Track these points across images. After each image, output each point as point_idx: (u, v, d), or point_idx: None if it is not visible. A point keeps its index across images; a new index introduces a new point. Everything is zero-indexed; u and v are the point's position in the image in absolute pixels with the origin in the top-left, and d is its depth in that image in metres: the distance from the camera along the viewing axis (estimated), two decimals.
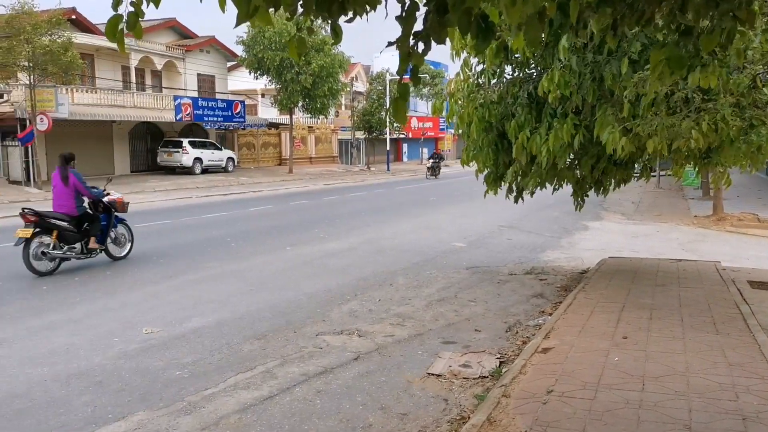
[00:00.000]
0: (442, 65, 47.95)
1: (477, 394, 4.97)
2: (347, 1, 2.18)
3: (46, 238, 8.98)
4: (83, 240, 9.46)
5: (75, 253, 9.36)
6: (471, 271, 9.82)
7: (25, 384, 5.15)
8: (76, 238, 9.34)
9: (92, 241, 9.51)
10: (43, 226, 8.98)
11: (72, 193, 9.37)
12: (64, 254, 9.17)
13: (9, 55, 21.62)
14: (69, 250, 9.25)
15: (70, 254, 9.27)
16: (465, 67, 8.13)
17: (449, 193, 24.01)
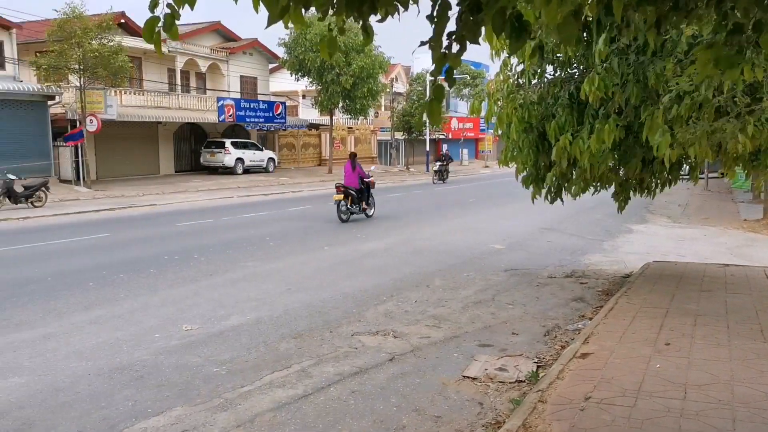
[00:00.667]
0: (482, 65, 47.61)
1: (513, 398, 4.91)
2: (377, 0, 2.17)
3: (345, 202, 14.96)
4: (360, 203, 15.43)
5: (357, 211, 15.33)
6: (509, 273, 9.71)
7: (70, 377, 5.30)
8: (358, 202, 15.31)
9: (363, 204, 15.51)
10: (345, 194, 14.96)
11: (356, 176, 15.33)
12: (353, 211, 15.14)
13: (61, 58, 22.36)
14: (355, 209, 15.23)
15: (355, 211, 15.27)
16: (504, 67, 8.06)
17: (489, 195, 23.81)
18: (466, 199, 21.94)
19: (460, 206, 19.71)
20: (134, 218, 16.68)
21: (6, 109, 22.77)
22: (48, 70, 22.79)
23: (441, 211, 18.40)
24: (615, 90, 6.31)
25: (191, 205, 19.95)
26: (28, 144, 23.15)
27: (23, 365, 5.55)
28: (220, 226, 14.85)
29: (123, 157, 28.40)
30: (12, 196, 17.46)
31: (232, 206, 19.63)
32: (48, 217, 16.49)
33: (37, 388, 5.06)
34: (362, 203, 15.52)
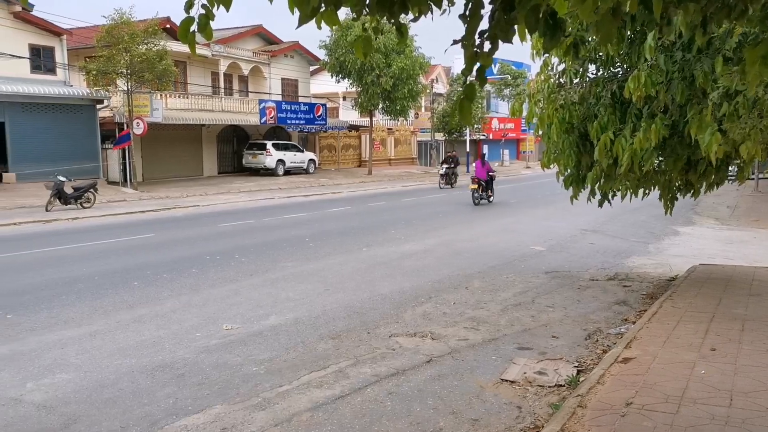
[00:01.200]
0: (524, 65, 47.07)
1: (552, 403, 4.83)
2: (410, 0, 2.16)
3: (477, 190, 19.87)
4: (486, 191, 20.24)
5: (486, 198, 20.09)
6: (550, 275, 9.56)
7: (114, 374, 5.44)
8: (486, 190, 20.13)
9: (489, 192, 20.21)
10: (478, 184, 19.80)
11: (485, 171, 20.23)
12: (483, 197, 19.93)
13: (109, 63, 23.03)
14: (485, 196, 20.04)
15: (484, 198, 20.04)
16: (545, 67, 7.95)
17: (530, 196, 23.51)
18: (507, 200, 21.71)
19: (501, 207, 19.52)
20: (178, 219, 17.05)
21: (57, 114, 23.56)
22: (97, 75, 23.49)
23: (480, 212, 18.25)
24: (659, 88, 6.15)
25: (233, 206, 20.28)
26: (78, 147, 23.91)
27: (70, 362, 5.73)
28: (260, 226, 15.05)
29: (168, 159, 29.08)
30: (62, 197, 18.04)
31: (272, 207, 19.87)
32: (96, 217, 16.99)
33: (82, 384, 5.21)
34: (488, 191, 20.44)
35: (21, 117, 22.40)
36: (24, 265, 10.24)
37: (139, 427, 4.45)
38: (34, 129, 22.69)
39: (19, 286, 8.59)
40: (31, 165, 22.20)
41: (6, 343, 6.22)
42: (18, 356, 5.85)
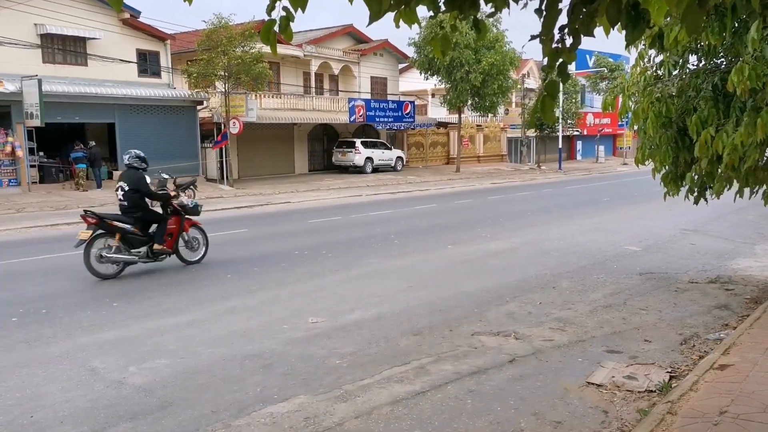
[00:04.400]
0: (621, 57, 45.09)
1: (641, 408, 4.63)
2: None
3: None
4: None
5: None
6: (645, 277, 9.14)
7: (207, 361, 5.73)
8: None
9: None
10: None
11: None
12: None
13: (209, 66, 24.17)
14: None
15: None
16: (640, 59, 7.63)
17: (625, 193, 22.55)
18: (600, 198, 20.94)
19: (593, 205, 18.85)
20: (270, 215, 17.66)
21: (161, 114, 25.00)
22: (197, 78, 24.72)
23: (572, 210, 17.70)
24: (766, 80, 5.74)
25: (322, 202, 20.75)
26: (180, 146, 25.27)
27: (168, 348, 6.08)
28: (347, 223, 15.33)
29: (262, 157, 30.18)
30: None
31: (360, 204, 20.16)
32: None
33: (178, 370, 5.52)
34: None
35: (129, 118, 23.94)
36: None
37: (229, 412, 4.67)
38: (141, 129, 24.18)
39: (125, 276, 9.19)
40: None
41: (112, 329, 6.69)
42: (122, 341, 6.27)
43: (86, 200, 19.76)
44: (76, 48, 23.49)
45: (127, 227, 9.09)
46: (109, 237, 9.02)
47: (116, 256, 9.01)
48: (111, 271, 9.05)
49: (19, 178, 21.05)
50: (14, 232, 14.17)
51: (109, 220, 9.07)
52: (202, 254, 10.22)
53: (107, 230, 9.00)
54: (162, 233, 9.40)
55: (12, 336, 6.46)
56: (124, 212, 9.25)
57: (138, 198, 9.29)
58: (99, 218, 8.92)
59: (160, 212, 9.67)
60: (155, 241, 9.36)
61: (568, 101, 41.33)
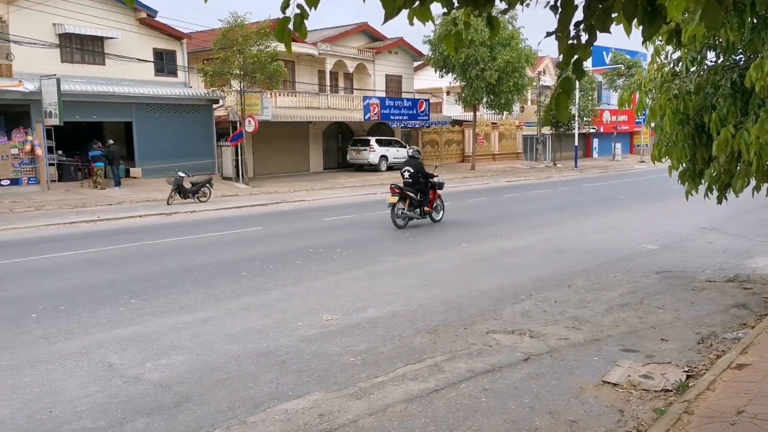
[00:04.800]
0: (639, 54, 44.67)
1: (657, 408, 4.60)
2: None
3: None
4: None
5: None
6: (662, 275, 9.06)
7: (223, 358, 5.78)
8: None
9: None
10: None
11: None
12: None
13: (224, 64, 24.31)
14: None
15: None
16: (657, 55, 7.55)
17: (642, 191, 22.36)
18: (617, 196, 20.78)
19: (609, 203, 18.72)
20: (285, 213, 17.74)
21: (178, 113, 25.19)
22: (213, 76, 24.85)
23: (588, 208, 17.59)
24: None
25: (337, 200, 20.80)
26: (196, 144, 25.45)
27: (185, 345, 6.13)
28: (362, 221, 15.34)
29: (277, 155, 30.29)
30: (181, 191, 19.29)
31: (374, 202, 20.16)
32: (211, 211, 18.02)
33: (194, 366, 5.57)
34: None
35: (146, 117, 24.15)
36: (147, 255, 11.06)
37: (244, 409, 4.70)
38: (158, 128, 24.40)
39: (142, 274, 9.29)
40: (154, 161, 23.90)
41: (130, 325, 6.77)
42: (139, 338, 6.34)
43: (104, 198, 19.98)
44: (94, 47, 23.74)
45: (412, 196, 13.57)
46: (402, 202, 13.52)
47: (407, 214, 13.61)
48: (401, 224, 13.53)
49: (38, 177, 21.32)
50: (33, 230, 14.37)
51: (404, 191, 13.53)
52: (441, 216, 14.46)
53: (403, 198, 13.51)
54: (428, 200, 13.98)
55: (31, 332, 6.56)
56: (407, 187, 13.60)
57: (418, 177, 13.78)
58: (400, 189, 13.53)
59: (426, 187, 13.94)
60: (425, 205, 13.90)
61: (584, 98, 41.03)
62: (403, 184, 13.70)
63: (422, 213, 13.82)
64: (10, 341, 6.27)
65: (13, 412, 4.67)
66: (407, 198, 13.48)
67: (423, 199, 13.83)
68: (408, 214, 13.55)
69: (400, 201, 13.46)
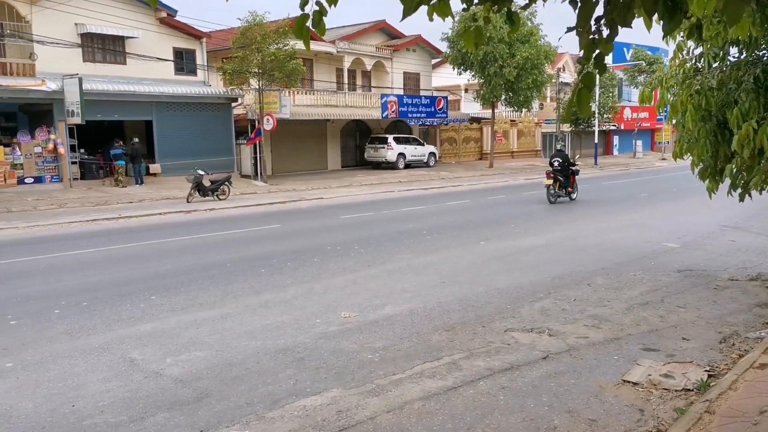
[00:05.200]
0: (660, 50, 44.12)
1: (678, 407, 4.55)
2: None
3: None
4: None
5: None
6: (683, 274, 8.96)
7: (241, 354, 5.82)
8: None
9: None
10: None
11: None
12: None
13: (243, 63, 24.45)
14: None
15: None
16: (679, 51, 7.46)
17: (663, 189, 22.10)
18: (637, 194, 20.56)
19: (629, 201, 18.53)
20: (303, 211, 17.81)
21: (197, 112, 25.40)
22: (232, 75, 25.00)
23: (608, 206, 17.44)
24: None
25: (354, 198, 20.82)
26: (215, 142, 25.64)
27: (204, 341, 6.19)
28: (379, 219, 15.35)
29: (295, 153, 30.41)
30: (201, 189, 19.45)
31: (392, 200, 20.18)
32: (230, 208, 18.15)
33: (214, 362, 5.62)
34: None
35: (166, 115, 24.38)
36: (167, 252, 11.18)
37: (263, 405, 4.74)
38: (177, 126, 24.61)
39: (162, 271, 9.39)
40: (174, 159, 24.12)
41: (150, 321, 6.84)
42: (159, 334, 6.41)
43: (125, 196, 20.22)
44: (115, 47, 24.01)
45: (562, 180, 17.68)
46: (554, 184, 17.63)
47: (558, 192, 17.79)
48: (553, 200, 17.64)
49: (61, 175, 21.63)
50: (56, 227, 14.59)
51: (557, 175, 17.58)
52: (576, 196, 18.41)
53: (555, 181, 17.62)
54: (570, 183, 18.02)
55: (54, 327, 6.66)
56: (557, 173, 17.69)
57: (565, 165, 17.83)
58: (554, 174, 17.56)
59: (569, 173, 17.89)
60: (568, 187, 17.96)
61: (604, 95, 40.63)
62: (552, 171, 17.70)
63: (566, 193, 17.94)
64: (33, 336, 6.37)
65: (36, 406, 4.75)
66: (558, 181, 17.66)
67: (567, 183, 17.90)
68: (558, 193, 17.72)
69: (553, 183, 17.65)
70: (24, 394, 4.98)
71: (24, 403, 4.81)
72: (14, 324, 6.80)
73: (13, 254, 11.03)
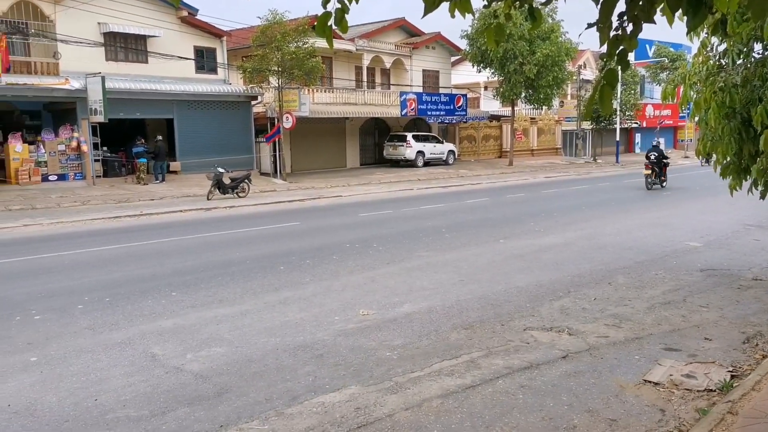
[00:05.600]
0: (683, 46, 43.53)
1: (700, 408, 4.49)
2: None
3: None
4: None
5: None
6: (706, 273, 8.84)
7: (261, 351, 5.86)
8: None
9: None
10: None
11: None
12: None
13: (263, 61, 24.58)
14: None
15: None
16: (703, 48, 7.35)
17: (686, 187, 21.81)
18: (660, 192, 20.32)
19: (651, 200, 18.32)
20: (322, 208, 17.87)
21: (217, 110, 25.60)
22: (252, 73, 25.16)
23: (629, 205, 17.25)
24: None
25: (373, 196, 20.84)
26: (235, 140, 25.83)
27: (224, 337, 6.25)
28: (398, 217, 15.35)
29: (314, 151, 30.51)
30: (221, 187, 19.60)
31: (411, 198, 20.17)
32: (250, 206, 18.27)
33: (234, 358, 5.67)
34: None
35: (187, 113, 24.61)
36: (187, 249, 11.29)
37: (282, 401, 4.77)
38: (198, 124, 24.84)
39: (183, 267, 9.49)
40: (194, 157, 24.35)
41: (171, 317, 6.92)
42: (180, 330, 6.48)
43: (147, 193, 20.45)
44: (137, 46, 24.27)
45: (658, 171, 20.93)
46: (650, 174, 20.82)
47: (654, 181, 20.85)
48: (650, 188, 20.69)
49: (84, 172, 21.94)
50: (79, 224, 14.80)
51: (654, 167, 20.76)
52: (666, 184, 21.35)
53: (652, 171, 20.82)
54: (663, 173, 21.18)
55: (78, 323, 6.77)
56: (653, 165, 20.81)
57: (660, 158, 20.94)
58: (651, 165, 20.77)
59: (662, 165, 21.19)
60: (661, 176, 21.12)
61: (626, 92, 40.19)
62: (650, 163, 20.70)
63: (660, 183, 21.03)
64: (57, 331, 6.48)
65: (60, 400, 4.83)
66: (654, 172, 20.64)
67: (661, 173, 21.03)
68: (654, 181, 20.74)
69: (650, 173, 20.66)
70: (48, 387, 5.07)
71: (48, 397, 4.89)
72: (39, 319, 6.92)
73: (37, 250, 11.22)
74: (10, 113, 22.62)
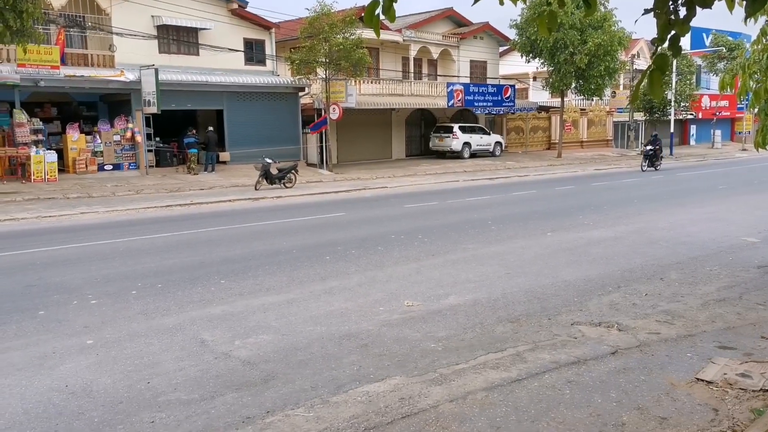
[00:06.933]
0: (742, 35, 41.81)
1: (755, 408, 4.34)
2: None
3: None
4: None
5: None
6: (763, 270, 8.51)
7: (306, 339, 5.93)
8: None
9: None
10: None
11: None
12: None
13: (311, 53, 24.76)
14: None
15: None
16: (762, 35, 7.05)
17: (744, 181, 21.03)
18: (715, 186, 19.64)
19: (706, 193, 17.73)
20: (367, 199, 17.94)
21: (266, 101, 25.94)
22: (299, 65, 25.38)
23: (683, 198, 16.74)
24: None
25: (419, 188, 20.81)
26: (282, 131, 26.15)
27: (271, 325, 6.35)
28: (444, 208, 15.29)
29: (360, 142, 30.63)
30: (268, 177, 19.90)
31: (456, 190, 20.05)
32: (296, 196, 18.49)
33: (280, 346, 5.76)
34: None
35: (236, 104, 25.03)
36: (236, 237, 11.51)
37: (327, 389, 4.82)
38: (246, 115, 25.23)
39: (231, 256, 9.67)
40: (243, 147, 24.76)
41: (220, 304, 7.07)
42: (228, 317, 6.62)
43: (197, 183, 20.93)
44: (189, 38, 24.79)
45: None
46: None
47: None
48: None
49: (137, 162, 22.58)
50: (133, 212, 15.26)
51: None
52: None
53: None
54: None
55: (132, 308, 6.99)
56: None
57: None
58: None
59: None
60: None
61: (681, 83, 38.92)
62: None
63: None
64: (112, 316, 6.71)
65: (114, 382, 5.00)
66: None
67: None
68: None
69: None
70: (103, 369, 5.25)
71: (103, 379, 5.07)
72: (95, 303, 7.17)
73: (94, 237, 11.62)
74: (68, 104, 23.44)
